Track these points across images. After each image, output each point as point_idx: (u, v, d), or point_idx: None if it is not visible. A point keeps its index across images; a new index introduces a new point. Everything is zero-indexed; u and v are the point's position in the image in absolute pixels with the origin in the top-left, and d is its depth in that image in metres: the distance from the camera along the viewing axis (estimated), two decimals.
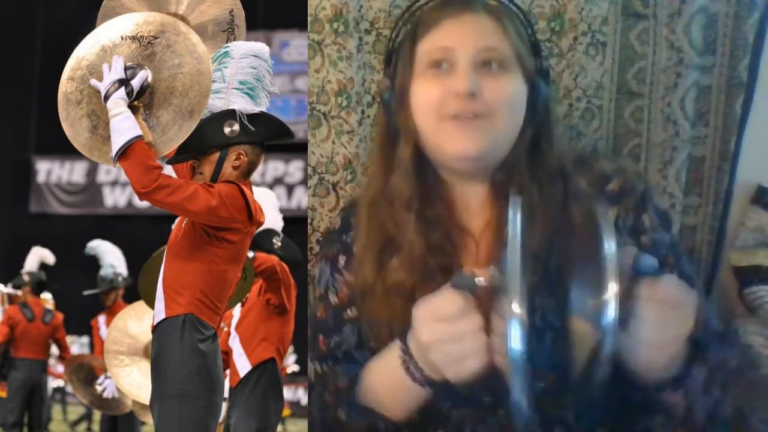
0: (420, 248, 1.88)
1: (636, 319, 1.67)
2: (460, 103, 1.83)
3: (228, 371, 4.27)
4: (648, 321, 1.67)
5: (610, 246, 1.68)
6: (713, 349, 1.80)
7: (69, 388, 10.55)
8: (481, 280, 1.68)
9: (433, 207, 1.93)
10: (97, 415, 9.36)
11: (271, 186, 15.78)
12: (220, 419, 3.30)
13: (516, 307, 1.61)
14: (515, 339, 1.60)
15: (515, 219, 1.69)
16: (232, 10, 2.83)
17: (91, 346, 7.29)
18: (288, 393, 13.27)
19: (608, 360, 1.66)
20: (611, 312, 1.64)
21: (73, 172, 19.25)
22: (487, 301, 1.67)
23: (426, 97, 1.88)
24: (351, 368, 1.92)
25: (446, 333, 1.67)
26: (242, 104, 2.71)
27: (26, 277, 7.36)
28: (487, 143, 1.86)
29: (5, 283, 7.71)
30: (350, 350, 1.95)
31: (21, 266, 7.48)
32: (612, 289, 1.64)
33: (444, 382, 1.70)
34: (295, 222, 6.38)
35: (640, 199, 1.95)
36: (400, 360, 1.74)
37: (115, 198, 19.03)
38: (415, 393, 1.76)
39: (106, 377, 5.54)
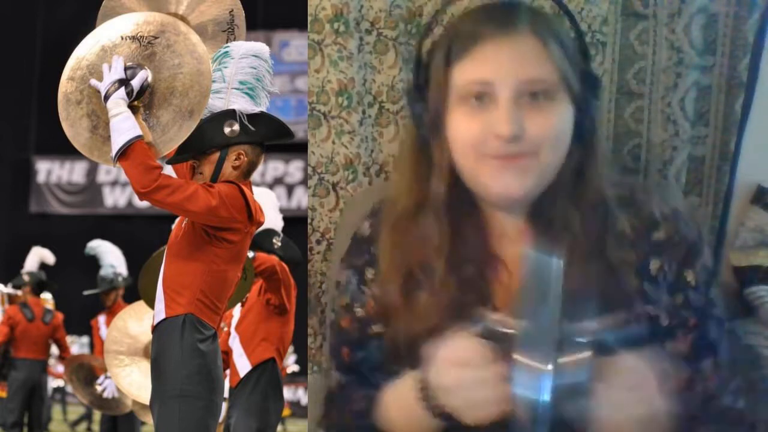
0: (451, 288, 1.82)
1: (600, 393, 1.61)
2: (503, 144, 1.72)
3: (228, 371, 4.27)
4: (610, 396, 1.61)
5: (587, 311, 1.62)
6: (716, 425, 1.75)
7: (69, 388, 10.55)
8: (508, 331, 1.63)
9: (466, 243, 1.84)
10: (97, 415, 9.36)
11: (271, 186, 15.78)
12: (220, 419, 3.30)
13: (537, 359, 1.58)
14: (538, 390, 1.57)
15: (552, 273, 1.60)
16: (232, 10, 2.83)
17: (91, 346, 7.29)
18: (288, 393, 13.27)
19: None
20: (573, 378, 1.58)
21: (73, 172, 19.25)
22: (512, 349, 1.62)
23: (464, 134, 1.76)
24: (371, 387, 1.89)
25: (466, 379, 1.63)
26: (242, 104, 2.71)
27: (26, 277, 7.36)
28: (532, 181, 1.75)
29: (5, 283, 7.72)
30: (374, 368, 1.92)
31: (21, 266, 7.49)
32: (581, 355, 1.58)
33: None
34: (295, 222, 6.39)
35: (687, 252, 1.84)
36: (417, 391, 1.72)
37: (115, 198, 19.04)
38: (430, 425, 1.73)
39: (106, 377, 5.54)
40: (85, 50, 2.70)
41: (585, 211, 1.80)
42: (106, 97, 2.57)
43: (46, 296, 7.47)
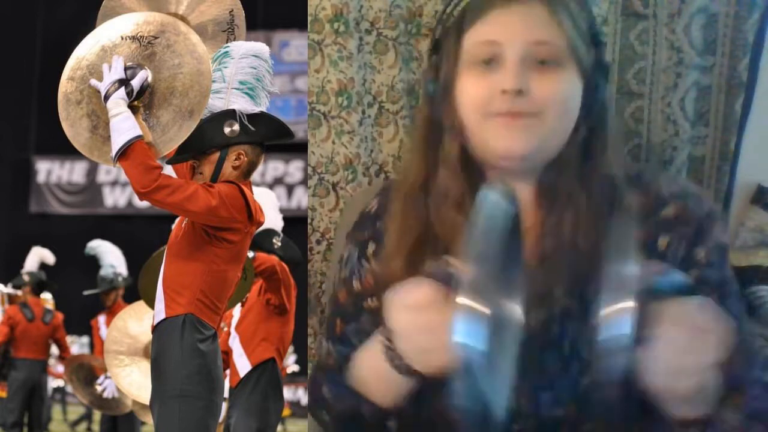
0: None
1: (655, 341, 1.53)
2: (507, 100, 1.72)
3: (228, 371, 4.27)
4: (669, 345, 1.53)
5: (626, 264, 1.54)
6: (755, 393, 1.72)
7: (69, 388, 10.56)
8: (455, 271, 1.56)
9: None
10: (97, 415, 9.37)
11: (271, 186, 15.79)
12: (220, 419, 3.30)
13: (473, 302, 1.49)
14: (468, 336, 1.48)
15: (502, 217, 1.55)
16: (232, 10, 2.83)
17: (91, 346, 7.29)
18: (288, 393, 13.27)
19: (609, 384, 1.57)
20: (617, 330, 1.50)
21: (73, 172, 19.26)
22: (467, 296, 1.59)
23: (471, 93, 1.78)
24: (353, 347, 1.88)
25: (414, 323, 1.59)
26: (242, 104, 2.71)
27: (26, 277, 7.37)
28: (535, 142, 1.74)
29: (5, 283, 7.72)
30: (365, 339, 1.91)
31: (21, 266, 7.49)
32: (623, 305, 1.50)
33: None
34: (295, 222, 6.39)
35: (697, 229, 1.80)
36: (382, 347, 1.70)
37: (115, 198, 19.05)
38: (399, 381, 1.72)
39: (106, 377, 5.55)
40: (85, 50, 2.70)
41: (592, 190, 1.80)
42: (106, 97, 2.57)
43: (46, 296, 7.47)
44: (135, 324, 4.52)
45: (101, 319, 6.50)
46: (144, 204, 2.80)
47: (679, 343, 1.53)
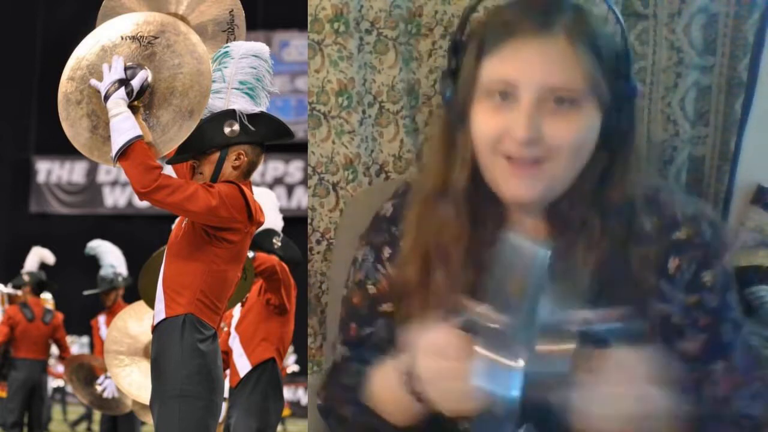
0: (468, 274, 1.81)
1: (593, 386, 1.55)
2: (517, 146, 1.70)
3: (228, 371, 4.27)
4: (592, 393, 1.55)
5: (573, 306, 1.56)
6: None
7: (69, 388, 10.56)
8: (489, 325, 1.57)
9: (485, 232, 1.84)
10: (97, 415, 9.36)
11: (271, 186, 15.79)
12: (220, 419, 3.30)
13: (507, 354, 1.53)
14: (505, 385, 1.52)
15: (539, 267, 1.53)
16: (232, 10, 2.83)
17: (91, 346, 7.29)
18: (288, 393, 13.27)
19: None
20: (551, 367, 1.53)
21: (73, 172, 19.26)
22: (486, 343, 1.56)
23: (483, 128, 1.74)
24: (366, 364, 1.88)
25: (442, 371, 1.60)
26: (242, 104, 2.71)
27: (26, 277, 7.37)
28: (544, 188, 1.72)
29: (5, 283, 7.72)
30: (380, 344, 1.91)
31: (21, 266, 7.49)
32: (562, 346, 1.53)
33: None
34: (295, 222, 6.39)
35: (707, 255, 1.80)
36: (401, 374, 1.71)
37: (115, 198, 19.05)
38: (414, 405, 1.72)
39: (106, 377, 5.55)
40: (85, 50, 2.70)
41: (608, 214, 1.78)
42: (106, 97, 2.57)
43: (46, 296, 7.48)
44: (135, 324, 4.52)
45: (101, 319, 6.50)
46: (144, 204, 2.80)
47: (607, 390, 1.53)
